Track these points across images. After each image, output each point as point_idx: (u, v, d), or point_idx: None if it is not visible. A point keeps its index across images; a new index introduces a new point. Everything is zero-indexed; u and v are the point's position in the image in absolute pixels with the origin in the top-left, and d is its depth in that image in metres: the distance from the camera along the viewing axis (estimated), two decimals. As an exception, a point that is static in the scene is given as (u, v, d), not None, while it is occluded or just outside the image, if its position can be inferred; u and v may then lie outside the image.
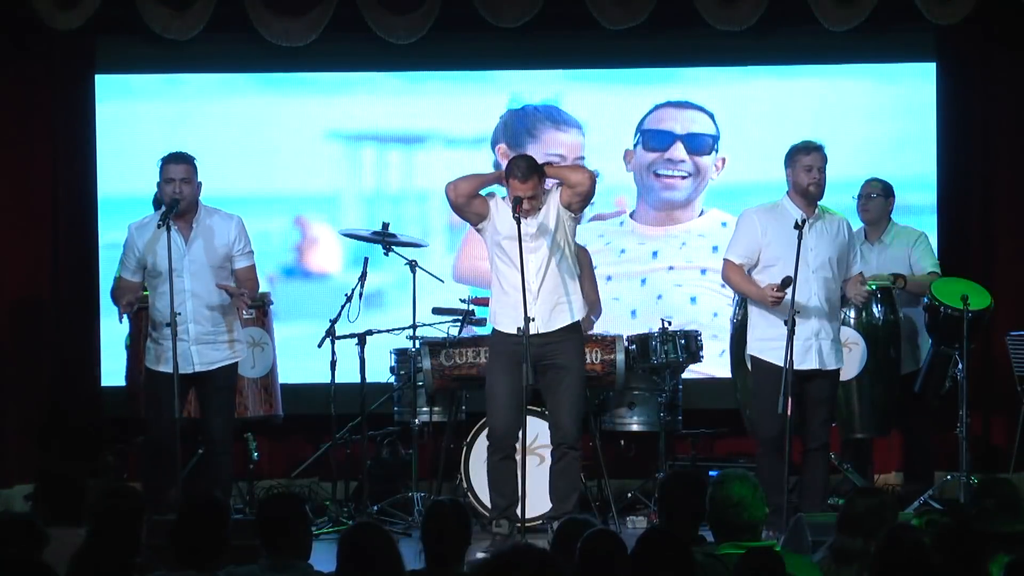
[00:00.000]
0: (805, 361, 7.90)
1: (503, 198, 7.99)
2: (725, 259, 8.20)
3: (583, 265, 9.05)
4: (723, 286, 8.99)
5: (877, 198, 9.16)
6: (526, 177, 7.80)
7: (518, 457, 7.99)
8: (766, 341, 7.98)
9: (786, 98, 10.13)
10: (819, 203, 8.12)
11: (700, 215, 10.17)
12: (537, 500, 7.98)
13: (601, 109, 10.18)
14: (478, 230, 8.11)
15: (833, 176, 9.97)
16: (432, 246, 9.85)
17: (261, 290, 8.82)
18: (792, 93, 10.14)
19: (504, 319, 7.98)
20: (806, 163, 8.05)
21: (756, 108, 10.14)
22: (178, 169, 8.01)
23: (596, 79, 10.18)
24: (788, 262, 7.84)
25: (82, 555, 5.11)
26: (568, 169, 8.26)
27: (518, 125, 10.17)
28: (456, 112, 10.18)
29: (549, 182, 7.98)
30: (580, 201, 7.95)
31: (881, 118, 10.11)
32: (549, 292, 7.89)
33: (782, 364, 7.77)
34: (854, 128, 10.09)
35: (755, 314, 8.07)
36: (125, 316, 8.12)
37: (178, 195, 7.94)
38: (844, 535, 5.19)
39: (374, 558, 4.75)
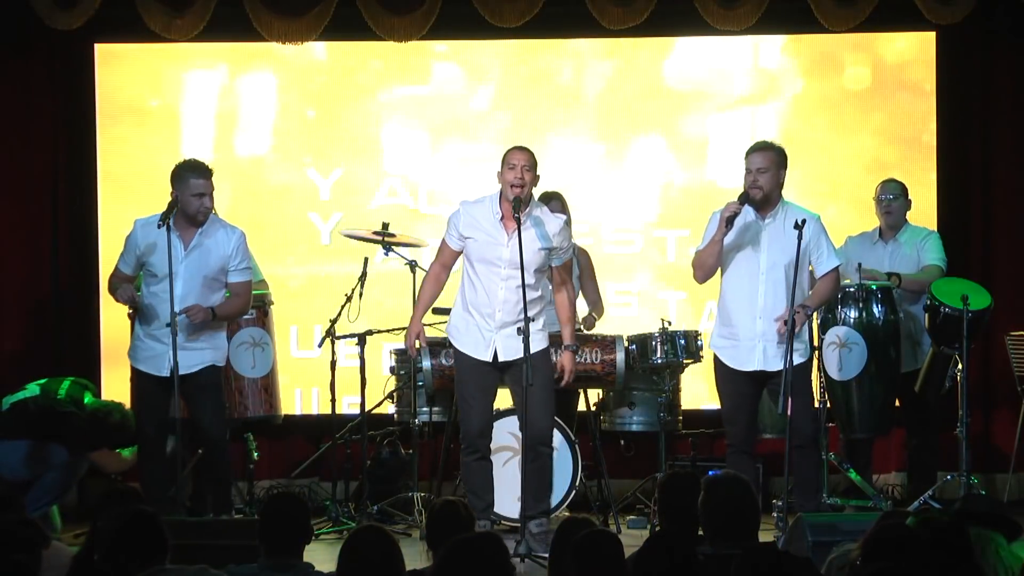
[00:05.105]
0: (748, 363, 7.83)
1: (475, 202, 7.87)
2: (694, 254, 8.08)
3: (583, 266, 9.06)
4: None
5: (898, 199, 9.15)
6: (523, 149, 7.76)
7: (493, 457, 8.02)
8: (719, 339, 7.94)
9: (784, 98, 10.13)
10: (784, 200, 7.89)
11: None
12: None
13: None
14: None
15: (833, 175, 9.99)
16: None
17: (261, 291, 8.85)
18: (790, 93, 10.14)
19: (467, 340, 7.90)
20: (747, 164, 7.86)
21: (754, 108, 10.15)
22: (208, 184, 7.93)
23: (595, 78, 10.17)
24: (741, 256, 7.78)
25: (82, 555, 5.12)
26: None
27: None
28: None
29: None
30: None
31: (881, 117, 10.10)
32: (513, 324, 7.70)
33: (732, 365, 7.82)
34: (853, 128, 10.10)
35: (717, 313, 8.03)
36: (127, 315, 8.08)
37: (206, 209, 7.90)
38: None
39: (375, 562, 4.74)
